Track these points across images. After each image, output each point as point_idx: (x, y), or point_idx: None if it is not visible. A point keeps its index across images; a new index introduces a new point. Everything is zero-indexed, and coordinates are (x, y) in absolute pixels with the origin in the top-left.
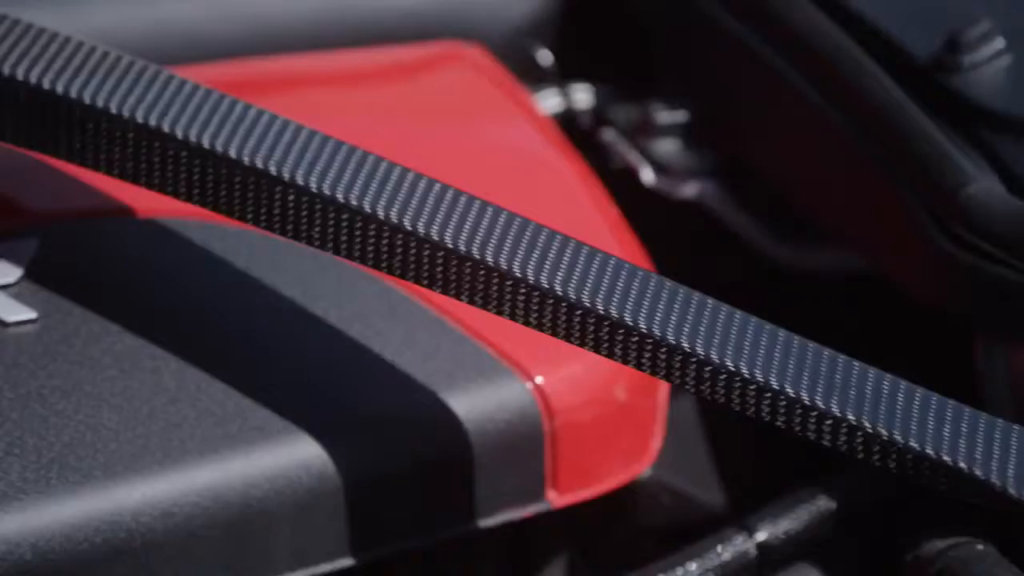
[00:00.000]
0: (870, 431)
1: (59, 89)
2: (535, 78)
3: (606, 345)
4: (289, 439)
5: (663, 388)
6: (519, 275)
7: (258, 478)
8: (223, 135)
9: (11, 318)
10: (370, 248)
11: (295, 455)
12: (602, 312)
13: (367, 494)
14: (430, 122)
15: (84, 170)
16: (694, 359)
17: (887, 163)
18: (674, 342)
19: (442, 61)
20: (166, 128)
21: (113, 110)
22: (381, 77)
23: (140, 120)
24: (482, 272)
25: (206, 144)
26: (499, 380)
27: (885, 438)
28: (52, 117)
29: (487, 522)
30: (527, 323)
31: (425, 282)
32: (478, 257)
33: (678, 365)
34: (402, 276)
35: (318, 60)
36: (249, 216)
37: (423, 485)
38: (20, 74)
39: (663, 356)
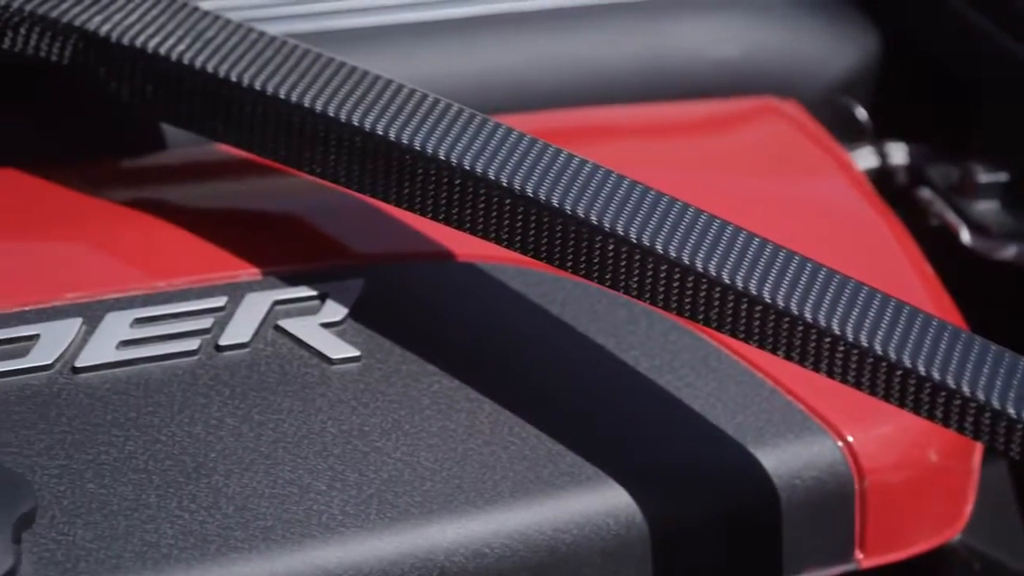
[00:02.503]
0: None
1: (392, 135)
2: (850, 135)
3: (926, 407)
4: (598, 486)
5: (977, 451)
6: (838, 332)
7: (567, 523)
8: (546, 183)
9: (336, 356)
10: (687, 300)
11: (604, 502)
12: (923, 374)
13: (673, 544)
14: (745, 176)
15: (407, 213)
16: (1020, 425)
17: None
18: (999, 407)
19: (758, 116)
20: (492, 175)
21: (442, 157)
22: (697, 130)
23: (467, 167)
24: (800, 328)
25: (530, 192)
26: (810, 437)
27: None
28: (384, 162)
29: None
30: (844, 381)
31: (741, 335)
32: (796, 313)
33: (1003, 431)
34: (718, 329)
35: (635, 112)
36: (568, 264)
37: (729, 537)
38: (356, 119)
39: (987, 421)
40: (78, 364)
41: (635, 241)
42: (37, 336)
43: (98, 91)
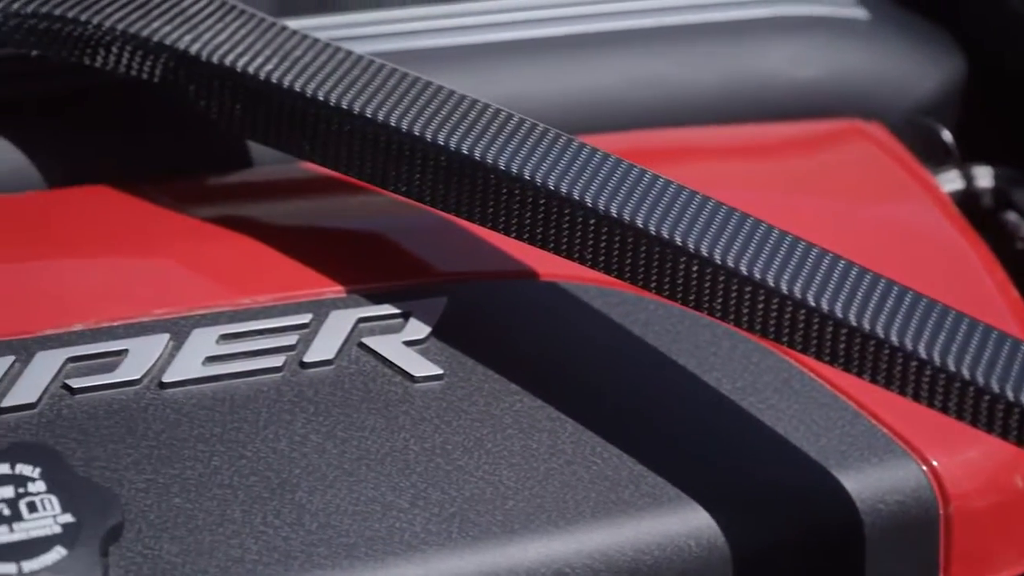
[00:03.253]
0: None
1: (476, 154)
2: (935, 158)
3: (1014, 432)
4: (680, 507)
5: None
6: (924, 356)
7: (649, 544)
8: (630, 204)
9: (419, 374)
10: (771, 321)
11: (686, 523)
12: (1011, 399)
13: (754, 566)
14: (829, 197)
15: (491, 232)
16: None
17: None
18: None
19: (842, 138)
20: (576, 195)
21: (527, 176)
22: (781, 151)
23: (551, 187)
24: (886, 351)
25: (613, 212)
26: (894, 461)
27: None
28: (469, 181)
29: None
30: (929, 404)
31: (826, 358)
32: (882, 335)
33: None
34: (802, 351)
35: (718, 133)
36: (652, 284)
37: (811, 562)
38: (441, 139)
39: None
40: (165, 379)
41: (719, 262)
42: (125, 351)
43: (187, 109)
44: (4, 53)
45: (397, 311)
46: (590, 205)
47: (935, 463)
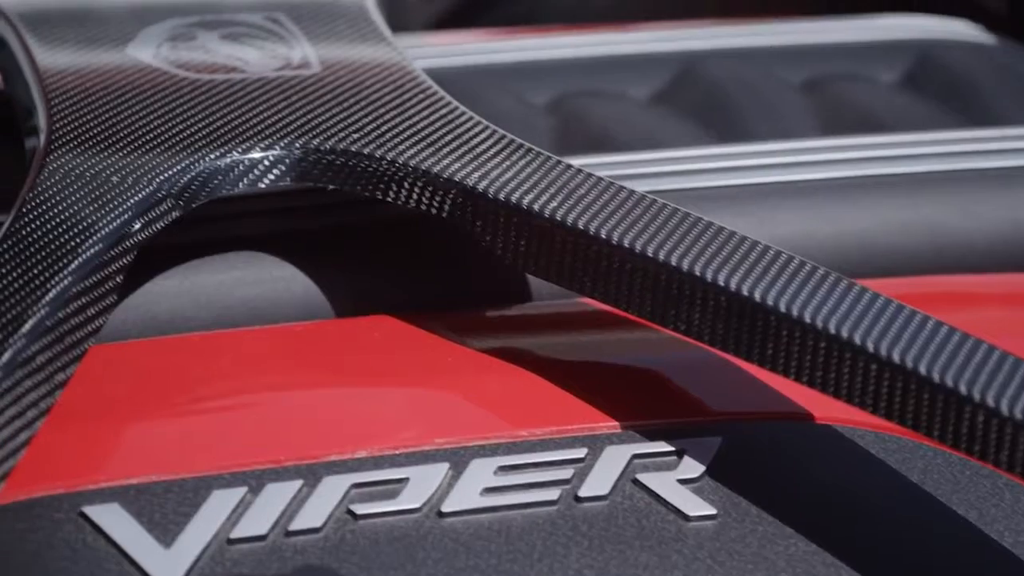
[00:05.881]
0: None
1: (757, 296)
2: None
3: None
4: None
5: None
6: None
7: None
8: (913, 350)
9: (693, 513)
10: None
11: None
12: None
13: None
14: None
15: (768, 373)
16: None
17: None
18: None
19: None
20: (857, 340)
21: (807, 320)
22: None
23: (832, 331)
24: None
25: (896, 359)
26: None
27: None
28: (748, 322)
29: None
30: None
31: None
32: None
33: None
34: None
35: (1002, 280)
36: (934, 433)
37: None
38: (722, 279)
39: None
40: (444, 508)
41: (1006, 413)
42: (407, 479)
43: (472, 242)
44: (303, 187)
45: (672, 448)
46: (871, 351)
47: None
